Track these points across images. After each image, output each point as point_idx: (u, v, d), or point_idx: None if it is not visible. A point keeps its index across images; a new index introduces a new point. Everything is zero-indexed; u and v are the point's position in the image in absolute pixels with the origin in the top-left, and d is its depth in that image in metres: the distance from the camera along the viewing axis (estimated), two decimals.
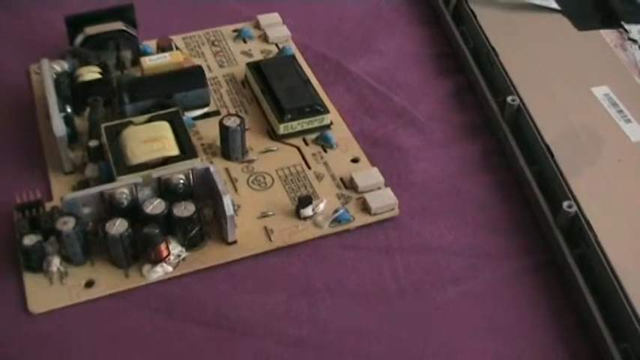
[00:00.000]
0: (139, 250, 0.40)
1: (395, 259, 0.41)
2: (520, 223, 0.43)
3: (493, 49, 0.51)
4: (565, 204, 0.41)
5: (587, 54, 0.52)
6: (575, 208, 0.41)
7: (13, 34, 0.55)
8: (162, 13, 0.56)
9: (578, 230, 0.41)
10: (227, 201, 0.39)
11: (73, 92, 0.46)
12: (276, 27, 0.55)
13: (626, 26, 0.54)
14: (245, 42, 0.54)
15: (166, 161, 0.42)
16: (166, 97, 0.46)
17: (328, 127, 0.47)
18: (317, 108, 0.47)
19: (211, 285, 0.40)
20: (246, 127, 0.46)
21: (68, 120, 0.45)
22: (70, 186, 0.44)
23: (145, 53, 0.51)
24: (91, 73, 0.47)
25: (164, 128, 0.43)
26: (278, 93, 0.47)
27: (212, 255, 0.41)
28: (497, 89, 0.50)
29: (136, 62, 0.50)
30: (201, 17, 0.56)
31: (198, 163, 0.42)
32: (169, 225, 0.40)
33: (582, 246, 0.40)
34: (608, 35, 0.54)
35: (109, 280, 0.39)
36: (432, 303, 0.40)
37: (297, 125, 0.47)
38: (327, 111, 0.47)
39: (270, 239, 0.41)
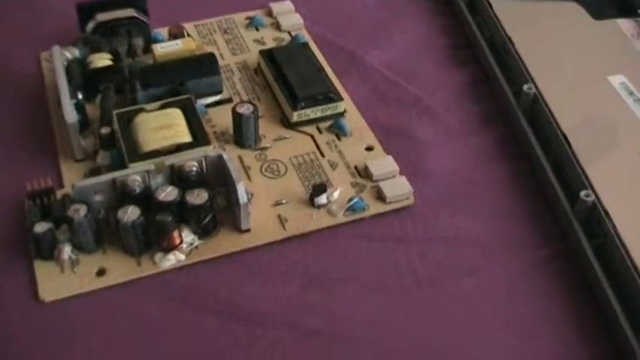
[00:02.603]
0: (152, 238, 0.39)
1: (410, 249, 0.41)
2: (537, 213, 0.43)
3: (509, 38, 0.50)
4: (582, 193, 0.40)
5: (603, 43, 0.52)
6: (592, 198, 0.40)
7: (23, 21, 0.54)
8: (173, 0, 0.56)
9: (596, 220, 0.40)
10: (241, 188, 0.39)
11: (84, 79, 0.46)
12: (288, 15, 0.54)
13: None
14: (257, 30, 0.54)
15: (179, 148, 0.41)
16: (179, 85, 0.46)
17: (342, 114, 0.47)
18: (330, 95, 0.46)
19: (224, 274, 0.39)
20: (259, 114, 0.45)
21: (79, 107, 0.44)
22: (82, 173, 0.43)
23: (157, 40, 0.50)
24: (102, 60, 0.47)
25: (176, 115, 0.43)
26: (291, 80, 0.47)
27: (225, 243, 0.40)
28: (513, 78, 0.49)
29: (147, 49, 0.49)
30: (213, 5, 0.56)
31: (211, 150, 0.41)
32: (182, 213, 0.39)
33: (600, 236, 0.40)
34: (625, 24, 0.53)
35: (120, 269, 0.39)
36: (447, 294, 0.39)
37: (311, 113, 0.46)
38: (340, 99, 0.47)
39: (284, 228, 0.41)
